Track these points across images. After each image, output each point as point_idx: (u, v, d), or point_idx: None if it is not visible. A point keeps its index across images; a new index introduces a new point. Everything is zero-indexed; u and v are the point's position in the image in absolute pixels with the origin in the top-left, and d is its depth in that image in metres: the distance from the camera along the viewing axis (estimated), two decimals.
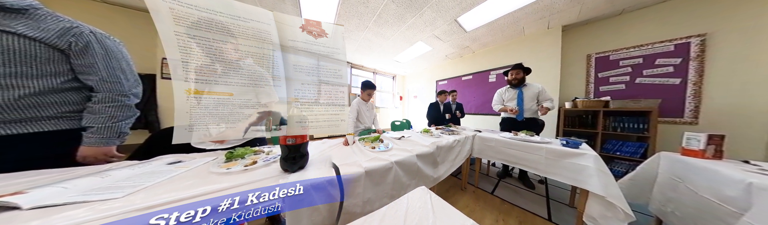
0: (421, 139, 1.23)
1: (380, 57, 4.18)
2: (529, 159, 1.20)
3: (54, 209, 0.29)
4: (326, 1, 2.04)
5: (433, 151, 1.00)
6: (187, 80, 0.51)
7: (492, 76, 3.40)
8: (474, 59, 3.67)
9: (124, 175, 0.48)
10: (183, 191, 0.39)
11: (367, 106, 1.90)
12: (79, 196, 0.34)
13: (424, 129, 1.55)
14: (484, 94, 3.50)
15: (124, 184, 0.42)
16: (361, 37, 3.04)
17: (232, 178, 0.49)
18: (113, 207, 0.32)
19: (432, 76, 4.78)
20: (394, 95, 6.07)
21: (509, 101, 1.87)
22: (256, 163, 0.58)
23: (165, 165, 0.56)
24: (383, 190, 0.68)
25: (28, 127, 0.52)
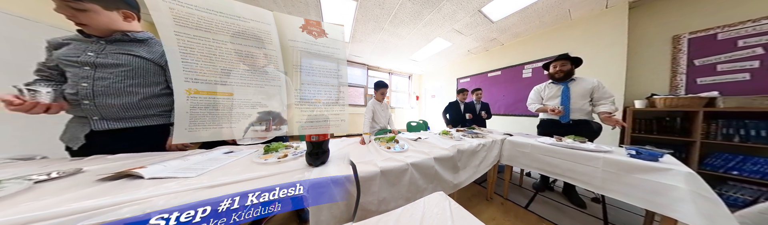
0: (439, 142, 1.23)
1: (396, 57, 4.50)
2: (578, 171, 1.07)
3: (160, 180, 0.48)
4: (344, 8, 2.45)
5: (453, 155, 1.01)
6: (187, 80, 0.58)
7: (527, 70, 3.21)
8: (503, 52, 3.58)
9: (197, 160, 0.68)
10: (233, 176, 0.54)
11: (382, 106, 2.06)
12: (173, 173, 0.54)
13: (443, 131, 1.57)
14: (515, 91, 3.38)
15: (197, 167, 0.61)
16: (377, 38, 3.40)
17: (268, 168, 0.64)
18: (191, 183, 0.48)
19: (452, 74, 4.84)
20: (410, 95, 6.40)
21: (550, 99, 1.71)
22: (287, 157, 0.72)
23: (222, 154, 0.76)
24: (399, 191, 0.74)
25: (143, 122, 0.79)
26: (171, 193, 0.42)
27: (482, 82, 4.02)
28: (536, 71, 3.10)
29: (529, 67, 3.20)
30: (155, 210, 0.38)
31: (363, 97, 5.32)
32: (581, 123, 1.56)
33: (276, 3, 2.28)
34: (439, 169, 0.92)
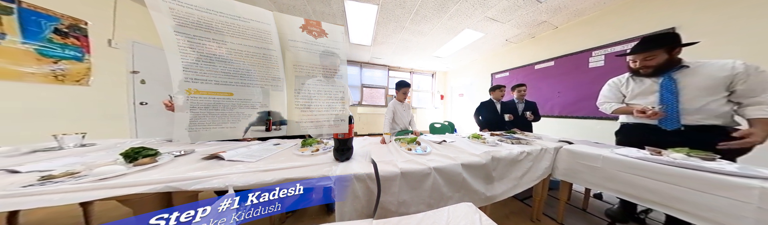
0: (468, 146, 1.27)
1: (417, 55, 4.82)
2: (700, 203, 0.84)
3: (233, 162, 0.74)
4: (366, 13, 2.83)
5: (485, 163, 1.01)
6: (187, 80, 0.69)
7: (596, 58, 2.88)
8: (557, 38, 3.39)
9: (256, 149, 0.96)
10: (279, 164, 0.75)
11: (403, 106, 2.26)
12: (242, 157, 0.79)
13: (474, 134, 1.60)
14: (577, 87, 3.09)
15: (256, 154, 0.86)
16: (399, 38, 3.75)
17: (304, 159, 0.85)
18: (252, 166, 0.71)
19: (484, 69, 4.88)
20: (433, 94, 6.77)
21: (639, 97, 1.44)
22: (319, 151, 0.94)
23: (272, 145, 1.07)
24: (420, 196, 0.81)
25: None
26: (240, 173, 0.65)
27: (526, 76, 3.85)
28: (611, 59, 2.71)
29: (599, 54, 2.84)
30: (231, 184, 0.59)
31: (384, 98, 6.02)
32: (706, 130, 1.19)
33: (309, 16, 2.94)
34: (468, 177, 0.95)
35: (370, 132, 5.36)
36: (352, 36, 3.83)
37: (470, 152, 1.10)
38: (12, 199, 0.41)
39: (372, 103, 5.82)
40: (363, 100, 5.70)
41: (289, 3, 2.70)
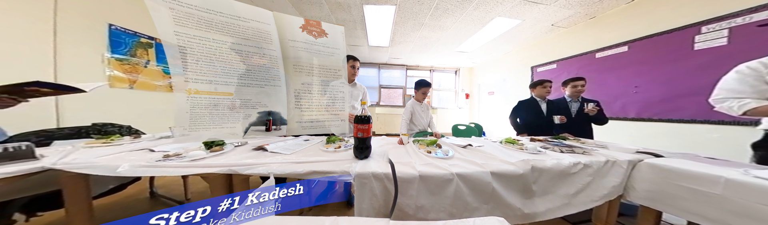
0: (500, 152, 1.23)
1: (438, 51, 4.98)
2: None
3: (274, 153, 0.93)
4: (384, 15, 3.11)
5: (522, 173, 0.97)
6: (187, 80, 0.81)
7: (710, 35, 2.45)
8: (634, 14, 3.08)
9: (291, 143, 1.11)
10: (308, 157, 0.91)
11: (422, 106, 2.41)
12: (280, 150, 0.96)
13: (508, 139, 1.53)
14: (667, 78, 2.74)
15: (290, 148, 1.03)
16: (417, 36, 3.99)
17: (328, 154, 1.00)
18: (287, 158, 0.88)
19: (522, 62, 4.78)
20: (457, 93, 6.95)
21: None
22: (341, 148, 1.08)
23: (303, 140, 1.19)
24: (440, 202, 0.85)
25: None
26: (279, 163, 0.83)
27: (583, 68, 3.56)
28: (742, 33, 2.23)
29: (716, 29, 2.39)
30: (272, 171, 0.76)
31: (402, 98, 6.53)
32: None
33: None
34: (500, 188, 0.94)
35: (387, 132, 5.88)
36: (370, 39, 4.18)
37: (502, 159, 1.07)
38: (153, 168, 0.74)
39: (390, 104, 6.47)
40: (381, 101, 6.41)
41: (315, 15, 3.21)
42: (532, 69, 4.47)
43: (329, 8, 3.09)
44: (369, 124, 0.96)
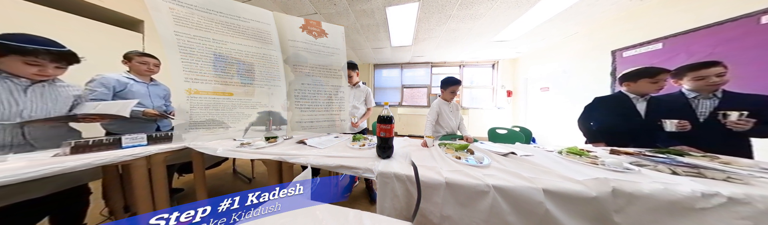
0: (559, 165, 1.01)
1: (469, 44, 4.28)
2: None
3: (311, 147, 1.10)
4: (407, 13, 2.97)
5: (596, 196, 0.69)
6: (187, 80, 0.81)
7: None
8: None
9: (324, 139, 1.24)
10: (337, 152, 1.00)
11: (451, 106, 2.21)
12: (316, 144, 1.10)
13: (571, 148, 1.23)
14: None
15: (324, 143, 1.14)
16: (443, 30, 3.58)
17: (354, 151, 1.06)
18: (321, 152, 1.00)
19: (596, 45, 3.51)
20: (494, 91, 5.81)
21: None
22: (365, 146, 1.15)
23: (333, 138, 1.29)
24: (471, 216, 0.77)
25: None
26: (315, 155, 0.93)
27: (722, 45, 2.27)
28: None
29: None
30: (309, 162, 0.86)
31: (426, 98, 6.00)
32: None
33: (358, 30, 3.43)
34: (557, 211, 0.74)
35: (409, 133, 5.48)
36: (393, 40, 3.94)
37: (562, 174, 0.85)
38: (233, 152, 0.94)
39: (413, 104, 6.06)
40: (403, 101, 6.05)
41: (343, 24, 3.15)
42: (615, 54, 3.14)
43: (355, 17, 3.12)
44: (391, 125, 0.97)
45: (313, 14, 2.84)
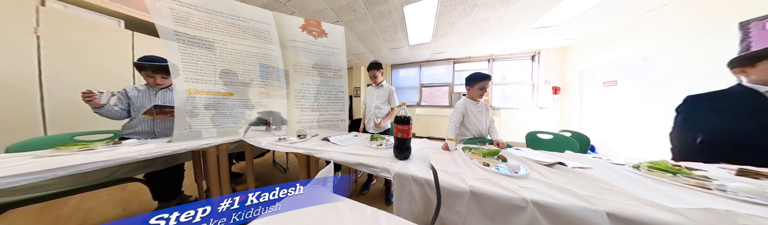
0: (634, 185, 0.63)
1: (500, 34, 3.69)
2: None
3: (334, 144, 1.15)
4: (426, 9, 2.84)
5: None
6: (187, 80, 0.80)
7: None
8: None
9: (345, 137, 1.28)
10: (356, 150, 1.03)
11: (479, 106, 1.86)
12: (337, 142, 1.17)
13: (657, 163, 0.95)
14: None
15: (344, 141, 1.21)
16: (467, 22, 3.14)
17: (371, 150, 1.08)
18: (341, 149, 1.07)
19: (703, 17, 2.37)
20: (535, 87, 4.87)
21: None
22: (382, 145, 1.17)
23: (353, 136, 1.35)
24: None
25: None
26: (336, 152, 1.00)
27: None
28: None
29: None
30: (331, 158, 0.92)
31: (448, 97, 5.38)
32: None
33: (376, 32, 3.41)
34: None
35: (429, 135, 5.08)
36: (411, 39, 3.77)
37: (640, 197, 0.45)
38: (272, 145, 1.06)
39: (432, 104, 5.57)
40: (422, 101, 5.68)
41: (363, 28, 3.25)
42: (748, 26, 1.94)
43: (373, 20, 3.11)
44: (409, 125, 0.97)
45: (336, 22, 2.88)
